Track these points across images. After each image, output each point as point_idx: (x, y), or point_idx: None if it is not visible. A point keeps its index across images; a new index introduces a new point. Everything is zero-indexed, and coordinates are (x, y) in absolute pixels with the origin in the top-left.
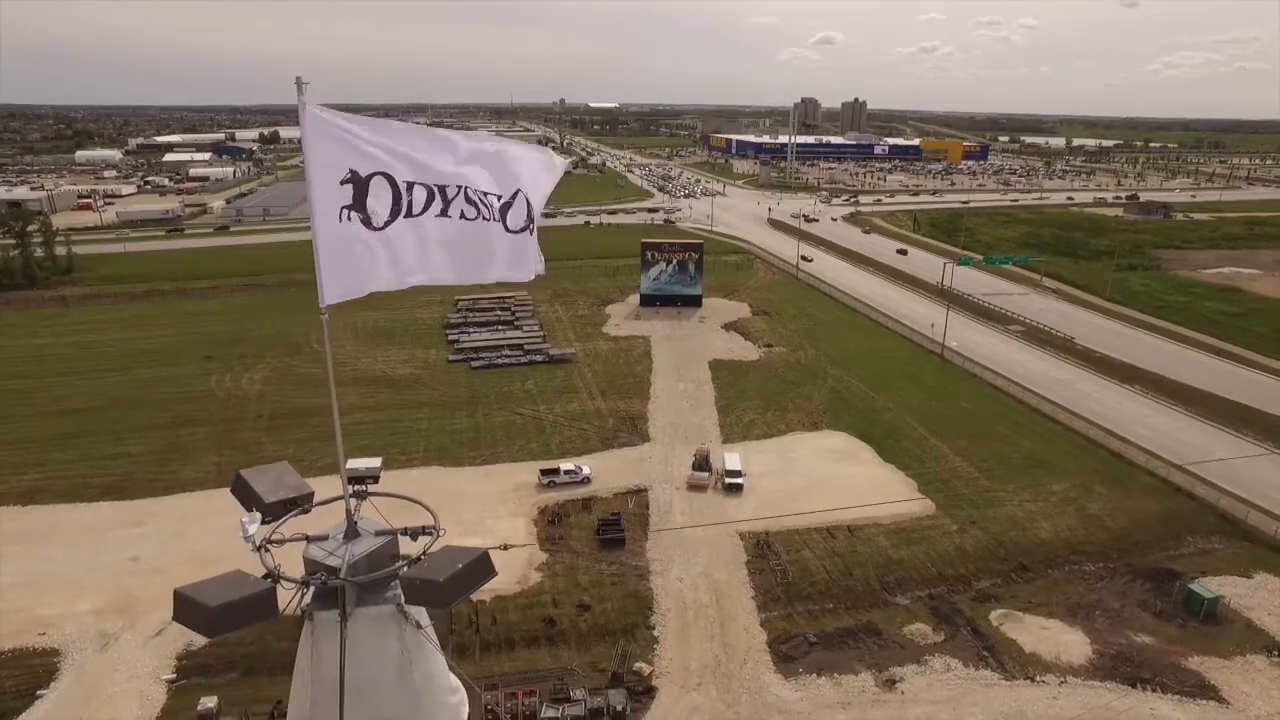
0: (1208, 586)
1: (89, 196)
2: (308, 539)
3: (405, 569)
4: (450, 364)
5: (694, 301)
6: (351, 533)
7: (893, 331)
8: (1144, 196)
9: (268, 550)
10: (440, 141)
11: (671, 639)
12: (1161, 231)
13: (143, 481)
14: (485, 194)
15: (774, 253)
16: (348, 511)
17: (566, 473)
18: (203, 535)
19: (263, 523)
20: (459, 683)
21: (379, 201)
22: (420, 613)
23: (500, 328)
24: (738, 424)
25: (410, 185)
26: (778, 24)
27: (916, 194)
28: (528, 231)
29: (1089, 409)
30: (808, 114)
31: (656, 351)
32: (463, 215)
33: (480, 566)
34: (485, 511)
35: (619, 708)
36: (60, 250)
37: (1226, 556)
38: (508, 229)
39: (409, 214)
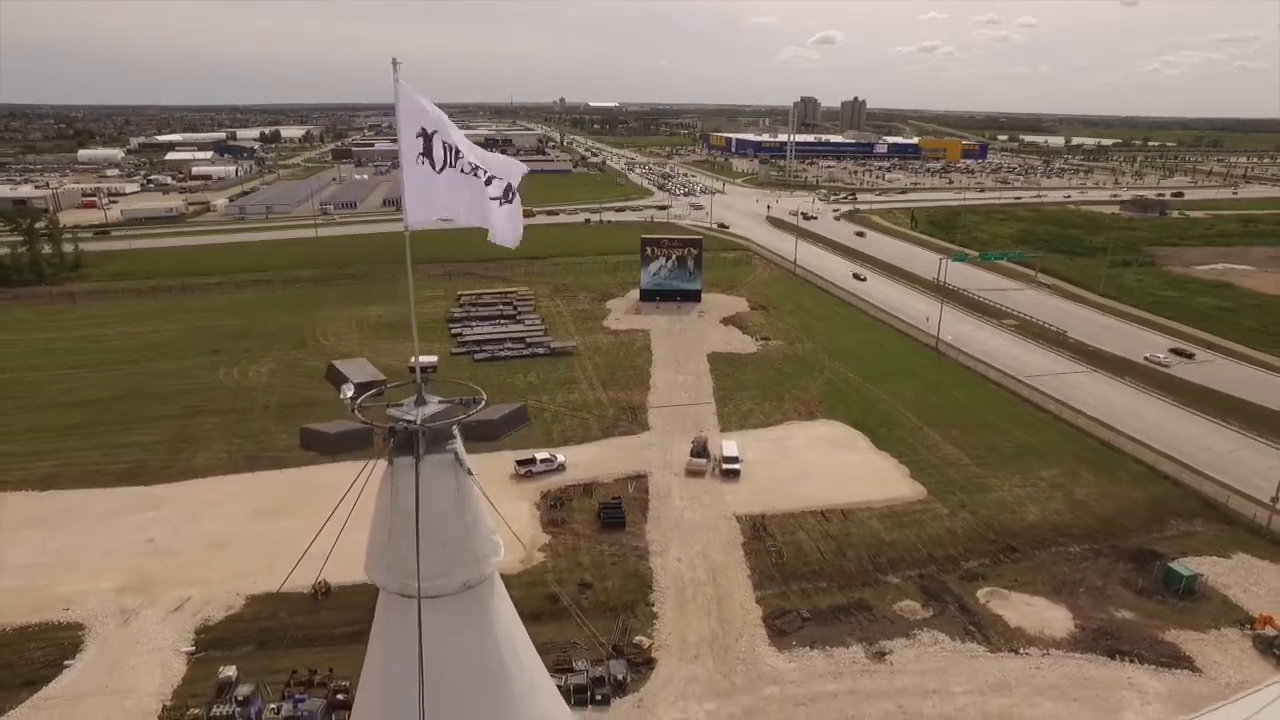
0: (1187, 565)
1: (93, 194)
2: (389, 405)
3: (465, 418)
4: (454, 356)
5: (693, 296)
6: (421, 401)
7: (888, 325)
8: (1188, 194)
9: (361, 409)
10: (457, 129)
11: (670, 615)
12: (1157, 229)
13: (155, 468)
14: (476, 168)
15: (773, 250)
16: (419, 386)
17: (542, 461)
18: (216, 519)
19: (353, 396)
20: (495, 528)
21: (437, 153)
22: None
23: (502, 322)
24: (735, 414)
25: (450, 145)
26: (778, 23)
27: (907, 190)
28: (501, 201)
29: (1079, 400)
30: (807, 113)
31: (656, 345)
32: (467, 173)
33: (520, 413)
34: (489, 496)
35: (619, 677)
36: (67, 247)
37: (1207, 538)
38: (491, 197)
39: (452, 165)
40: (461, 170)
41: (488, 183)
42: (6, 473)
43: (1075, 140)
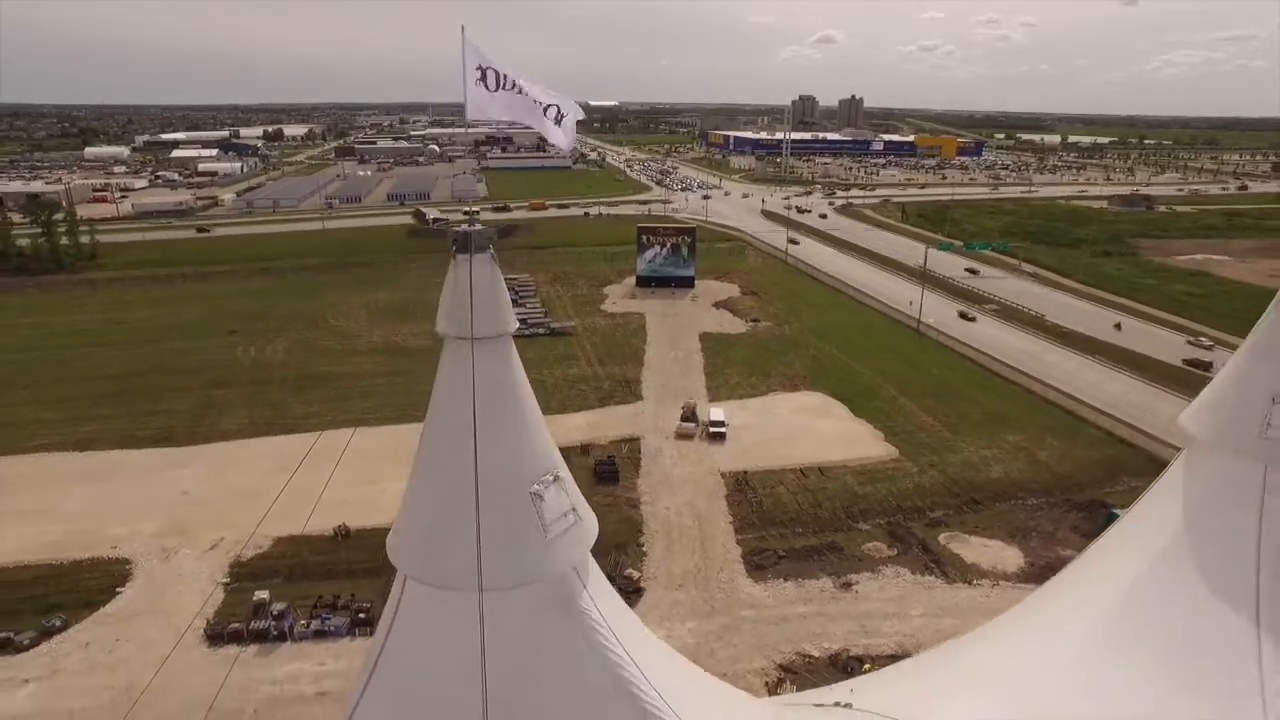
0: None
1: (104, 190)
2: (450, 224)
3: (498, 226)
4: None
5: (687, 282)
6: (472, 223)
7: (873, 309)
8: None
9: (438, 229)
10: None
11: (658, 552)
12: (1143, 222)
13: (184, 432)
14: (537, 100)
15: (765, 240)
16: (471, 217)
17: None
18: (243, 475)
19: (433, 222)
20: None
21: (490, 80)
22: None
23: None
24: (724, 386)
25: (504, 75)
26: (778, 23)
27: (906, 187)
28: (557, 121)
29: (1050, 375)
30: (805, 111)
31: (651, 326)
32: (520, 95)
33: (531, 230)
34: None
35: None
36: (84, 239)
37: None
38: (550, 118)
39: (505, 89)
40: (519, 93)
41: (545, 110)
42: (48, 436)
43: (1072, 138)
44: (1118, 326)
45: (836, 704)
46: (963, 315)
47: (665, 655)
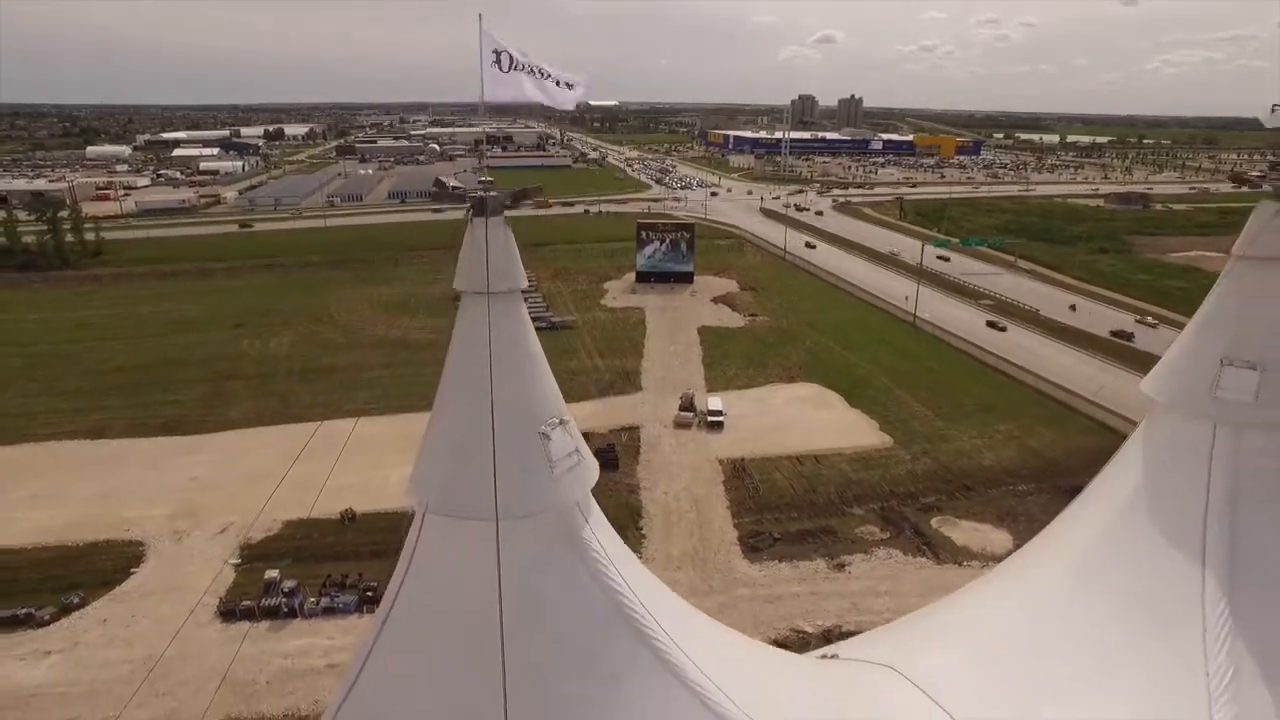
0: None
1: (107, 188)
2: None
3: (513, 192)
4: None
5: (686, 278)
6: (488, 189)
7: (870, 304)
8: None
9: (453, 191)
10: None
11: (657, 536)
12: (1138, 220)
13: (193, 421)
14: (548, 73)
15: (764, 237)
16: (486, 184)
17: None
18: (251, 461)
19: (452, 188)
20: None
21: (504, 62)
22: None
23: None
24: (721, 377)
25: (515, 58)
26: (778, 23)
27: (910, 185)
28: (574, 91)
29: (1045, 368)
30: (804, 111)
31: (650, 320)
32: (537, 74)
33: (538, 190)
34: None
35: None
36: (89, 236)
37: None
38: (565, 86)
39: (518, 70)
40: (529, 72)
41: (558, 81)
42: (60, 425)
43: (1071, 138)
44: (1072, 308)
45: (824, 656)
46: (991, 325)
47: (658, 588)
